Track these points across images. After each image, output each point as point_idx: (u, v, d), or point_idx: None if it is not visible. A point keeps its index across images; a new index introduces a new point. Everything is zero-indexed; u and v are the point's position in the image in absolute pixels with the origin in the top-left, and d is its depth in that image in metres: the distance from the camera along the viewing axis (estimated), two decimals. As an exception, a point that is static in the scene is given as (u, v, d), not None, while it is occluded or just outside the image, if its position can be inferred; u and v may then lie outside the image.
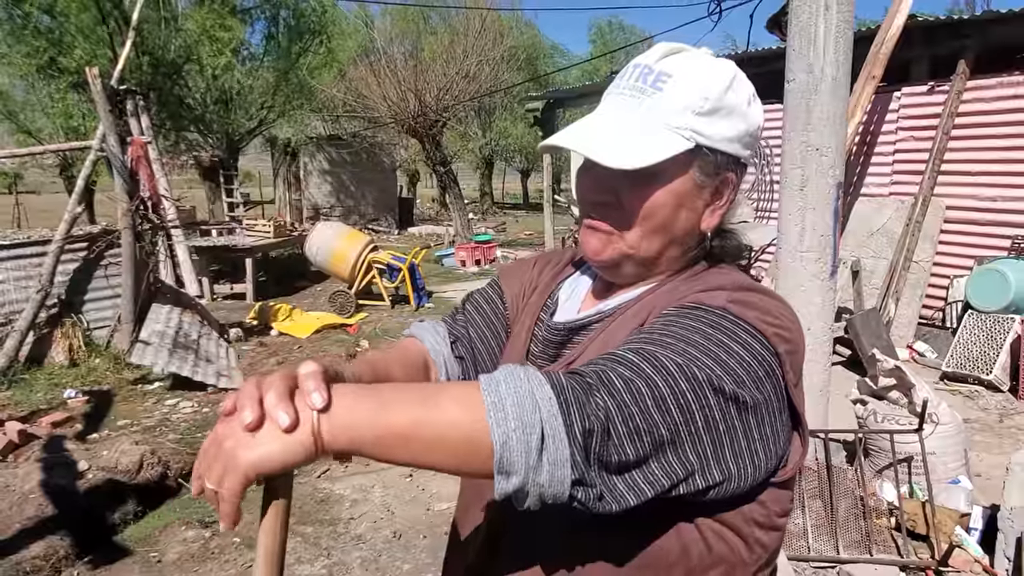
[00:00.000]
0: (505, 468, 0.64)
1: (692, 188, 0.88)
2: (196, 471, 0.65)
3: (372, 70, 15.12)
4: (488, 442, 0.64)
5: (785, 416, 0.79)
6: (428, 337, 1.07)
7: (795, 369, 0.80)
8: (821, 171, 3.29)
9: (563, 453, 0.64)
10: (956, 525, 3.26)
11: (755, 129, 0.90)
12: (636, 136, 0.85)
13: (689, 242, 0.92)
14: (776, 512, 0.84)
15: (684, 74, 0.86)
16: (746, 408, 0.73)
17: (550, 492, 0.65)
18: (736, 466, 0.74)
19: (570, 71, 28.09)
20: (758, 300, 0.82)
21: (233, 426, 0.63)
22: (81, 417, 5.29)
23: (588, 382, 0.69)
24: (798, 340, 0.82)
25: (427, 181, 35.60)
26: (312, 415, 0.62)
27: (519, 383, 0.66)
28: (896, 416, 3.72)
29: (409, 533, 3.74)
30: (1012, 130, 6.29)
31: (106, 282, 6.96)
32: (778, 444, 0.78)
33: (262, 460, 0.61)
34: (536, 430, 0.64)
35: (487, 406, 0.65)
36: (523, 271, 1.15)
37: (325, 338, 7.97)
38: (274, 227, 11.44)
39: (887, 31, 6.07)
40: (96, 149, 6.50)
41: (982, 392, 5.65)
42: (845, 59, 3.21)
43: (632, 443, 0.67)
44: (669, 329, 0.76)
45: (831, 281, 3.46)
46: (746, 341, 0.75)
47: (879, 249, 7.01)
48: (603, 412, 0.66)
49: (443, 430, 0.64)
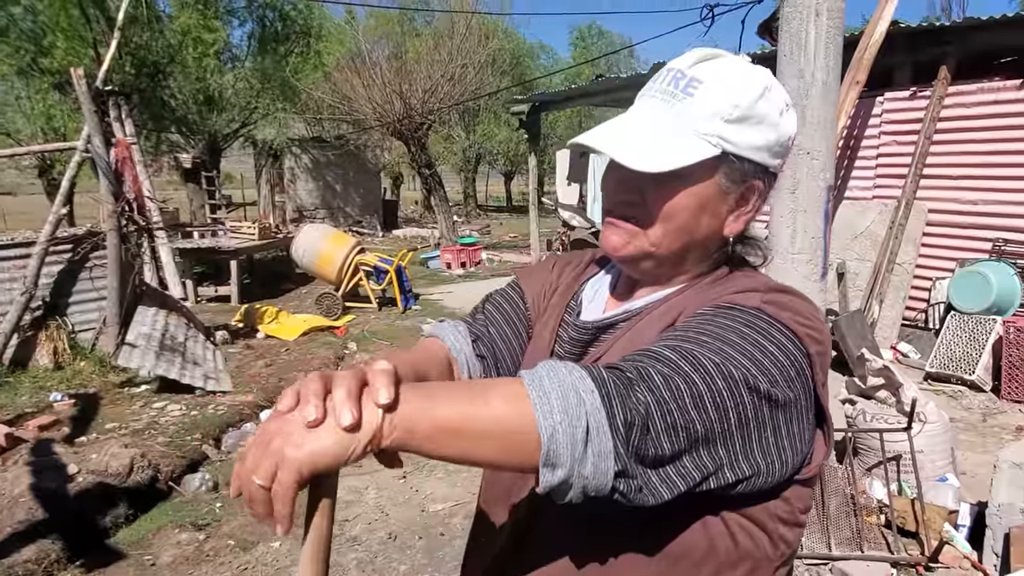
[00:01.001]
0: (552, 460, 0.65)
1: (716, 193, 0.89)
2: (237, 472, 0.64)
3: (357, 72, 15.08)
4: (535, 435, 0.65)
5: (811, 415, 0.81)
6: (449, 337, 1.07)
7: (823, 369, 0.82)
8: (812, 174, 3.33)
9: (607, 445, 0.66)
10: (945, 522, 3.31)
11: (786, 139, 0.90)
12: (663, 140, 0.86)
13: (711, 246, 0.94)
14: (799, 508, 0.86)
15: (716, 81, 0.87)
16: (777, 406, 0.75)
17: (594, 484, 0.67)
18: (765, 462, 0.76)
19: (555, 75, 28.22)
20: (791, 302, 0.84)
21: (288, 421, 0.62)
22: (68, 420, 5.19)
23: (629, 377, 0.70)
24: (827, 342, 0.84)
25: (410, 183, 35.54)
26: (377, 412, 0.63)
27: (562, 377, 0.68)
28: (884, 415, 3.77)
29: (404, 534, 3.74)
30: (993, 135, 6.35)
31: (91, 284, 6.85)
32: (804, 442, 0.80)
33: (317, 455, 0.60)
34: (581, 423, 0.65)
35: (533, 400, 0.66)
36: (543, 272, 1.15)
37: (312, 340, 7.92)
38: (259, 229, 11.36)
39: (870, 37, 6.16)
40: (81, 150, 6.42)
41: (965, 392, 5.73)
42: (835, 64, 3.25)
43: (669, 438, 0.69)
44: (705, 328, 0.78)
45: (822, 283, 3.50)
46: (780, 341, 0.77)
47: (863, 252, 7.09)
48: (643, 407, 0.68)
49: (491, 425, 0.66)
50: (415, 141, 15.09)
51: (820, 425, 0.84)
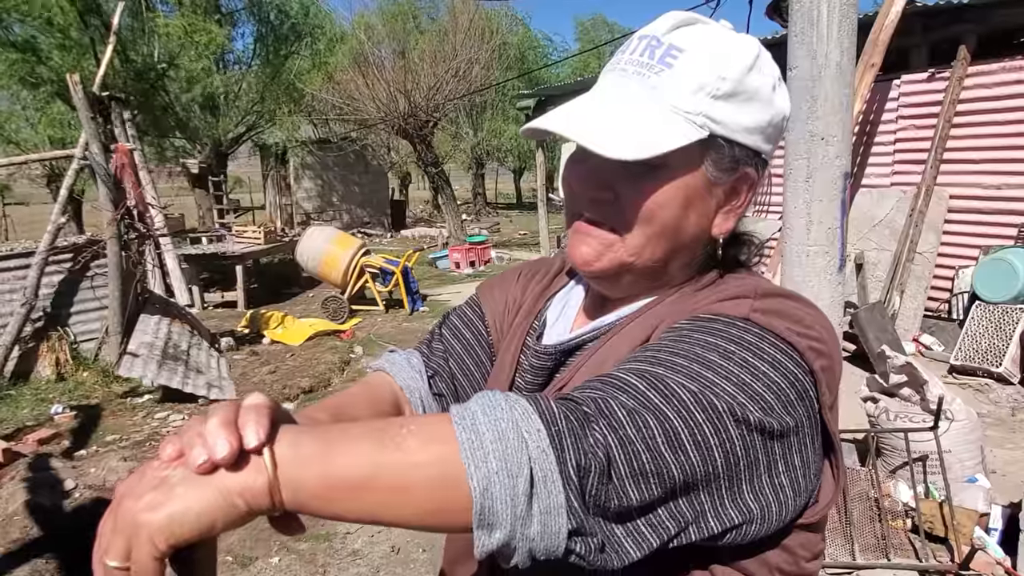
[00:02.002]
0: (487, 520, 0.52)
1: (703, 185, 0.75)
2: (96, 552, 0.51)
3: (361, 71, 15.01)
4: (464, 489, 0.52)
5: (817, 444, 0.67)
6: (401, 372, 0.92)
7: (831, 388, 0.68)
8: (827, 161, 3.19)
9: (557, 499, 0.53)
10: (976, 526, 3.17)
11: (780, 120, 0.77)
12: (638, 121, 0.71)
13: (698, 249, 0.79)
14: (804, 557, 0.72)
15: (699, 49, 0.72)
16: (773, 437, 0.62)
17: (542, 546, 0.54)
18: (759, 505, 0.63)
19: (562, 68, 27.97)
20: (788, 307, 0.70)
21: (143, 477, 0.51)
22: (68, 433, 5.18)
23: (584, 411, 0.57)
24: (834, 354, 0.70)
25: (419, 183, 35.54)
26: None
27: (500, 413, 0.55)
28: (909, 413, 3.60)
29: (408, 547, 3.62)
30: (1016, 116, 6.13)
31: (92, 293, 6.87)
32: (808, 477, 0.66)
33: (176, 521, 0.48)
34: (524, 471, 0.53)
35: (461, 443, 0.53)
36: (506, 286, 1.00)
37: (318, 345, 7.86)
38: (264, 233, 11.33)
39: (885, 17, 5.97)
40: (79, 158, 6.37)
41: (992, 385, 5.48)
42: (849, 43, 3.11)
43: (636, 485, 0.57)
44: (680, 347, 0.65)
45: (839, 275, 3.36)
46: (775, 358, 0.64)
47: (882, 241, 6.90)
48: (603, 449, 0.55)
49: (406, 477, 0.52)
50: (421, 140, 15.02)
51: (827, 456, 0.70)
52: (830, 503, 0.70)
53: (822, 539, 0.75)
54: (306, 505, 0.51)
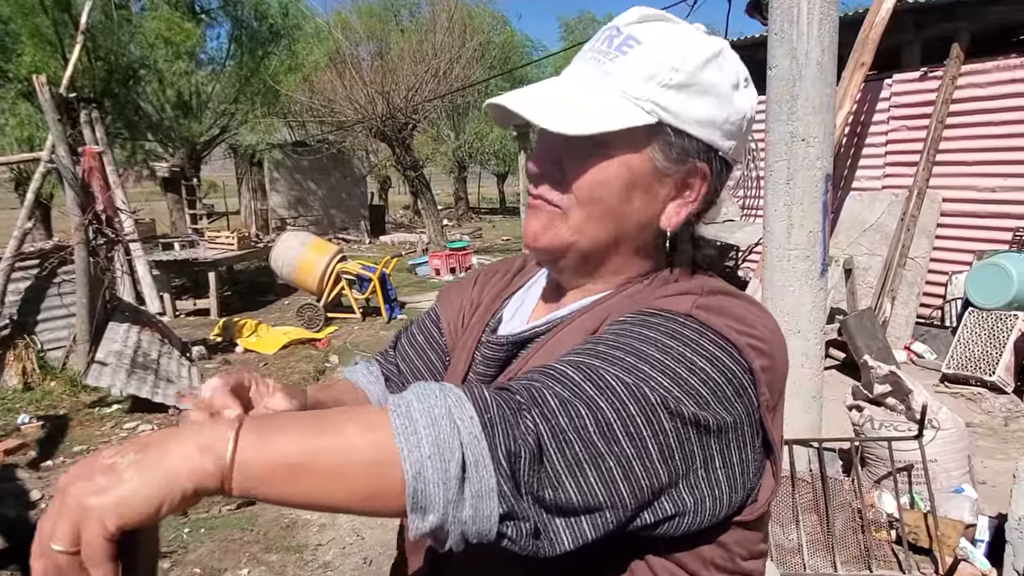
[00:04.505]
0: (420, 503, 0.55)
1: (650, 172, 0.76)
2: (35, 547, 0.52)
3: (338, 71, 14.87)
4: (398, 473, 0.55)
5: (757, 442, 0.69)
6: (361, 380, 1.02)
7: (772, 389, 0.69)
8: (808, 163, 3.17)
9: (488, 482, 0.56)
10: (961, 537, 3.15)
11: (739, 118, 0.78)
12: (587, 102, 0.75)
13: (644, 239, 0.81)
14: (741, 555, 0.74)
15: (655, 41, 0.75)
16: (708, 432, 0.64)
17: (474, 529, 0.57)
18: (692, 498, 0.65)
19: (545, 69, 27.74)
20: (730, 305, 0.72)
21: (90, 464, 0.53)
22: (35, 443, 5.10)
23: (518, 400, 0.60)
24: (778, 355, 0.72)
25: (399, 187, 35.34)
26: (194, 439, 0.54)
27: (433, 400, 0.58)
28: (894, 422, 3.60)
29: (380, 559, 3.56)
30: (1011, 116, 6.16)
31: (60, 301, 6.75)
32: (746, 475, 0.69)
33: (126, 502, 0.50)
34: (456, 456, 0.55)
35: (395, 428, 0.56)
36: (463, 290, 1.05)
37: (293, 354, 7.80)
38: (238, 238, 11.18)
39: (876, 14, 5.92)
40: (46, 161, 6.22)
41: (985, 394, 5.45)
42: (831, 41, 3.09)
43: (572, 475, 0.59)
44: (620, 340, 0.67)
45: (821, 280, 3.35)
46: (712, 353, 0.66)
47: (873, 246, 6.88)
48: (533, 436, 0.58)
49: (343, 460, 0.56)
50: (399, 142, 14.91)
51: (768, 455, 0.72)
52: (767, 502, 0.72)
53: (763, 539, 0.77)
54: (251, 489, 0.54)
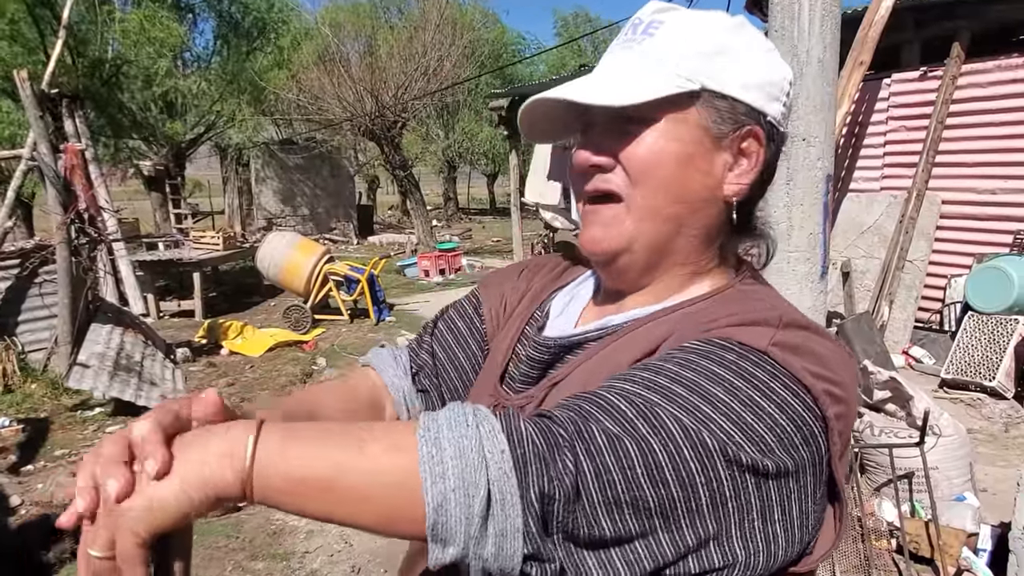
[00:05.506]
0: (440, 536, 0.53)
1: (703, 141, 0.74)
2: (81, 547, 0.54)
3: (326, 69, 14.74)
4: (419, 502, 0.53)
5: (820, 492, 0.64)
6: (387, 368, 0.96)
7: (843, 436, 0.64)
8: (808, 163, 3.11)
9: (514, 523, 0.53)
10: (963, 546, 3.11)
11: (780, 79, 0.77)
12: (628, 79, 0.74)
13: (708, 218, 0.77)
14: None
15: (679, 20, 0.76)
16: (767, 477, 0.59)
17: (496, 567, 0.54)
18: (745, 550, 0.60)
19: (538, 67, 27.56)
20: (809, 343, 0.66)
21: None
22: (14, 447, 5.02)
23: (560, 434, 0.56)
24: (852, 401, 0.66)
25: (388, 187, 35.11)
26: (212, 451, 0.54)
27: (464, 430, 0.55)
28: (894, 429, 3.54)
29: (368, 567, 3.51)
30: (1012, 117, 6.06)
31: (41, 301, 6.66)
32: (805, 527, 0.63)
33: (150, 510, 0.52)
34: (480, 492, 0.53)
35: (421, 456, 0.54)
36: (508, 278, 1.01)
37: (279, 356, 7.72)
38: (223, 239, 11.05)
39: (875, 12, 5.84)
40: (27, 158, 6.10)
41: (985, 400, 5.36)
42: (833, 38, 3.02)
43: (610, 515, 0.56)
44: (683, 374, 0.61)
45: (821, 283, 3.28)
46: (784, 400, 0.60)
47: (870, 248, 6.82)
48: (571, 476, 0.54)
49: (365, 481, 0.54)
50: (388, 141, 14.81)
51: (831, 504, 0.66)
52: (826, 555, 0.67)
53: None
54: (270, 499, 0.54)
